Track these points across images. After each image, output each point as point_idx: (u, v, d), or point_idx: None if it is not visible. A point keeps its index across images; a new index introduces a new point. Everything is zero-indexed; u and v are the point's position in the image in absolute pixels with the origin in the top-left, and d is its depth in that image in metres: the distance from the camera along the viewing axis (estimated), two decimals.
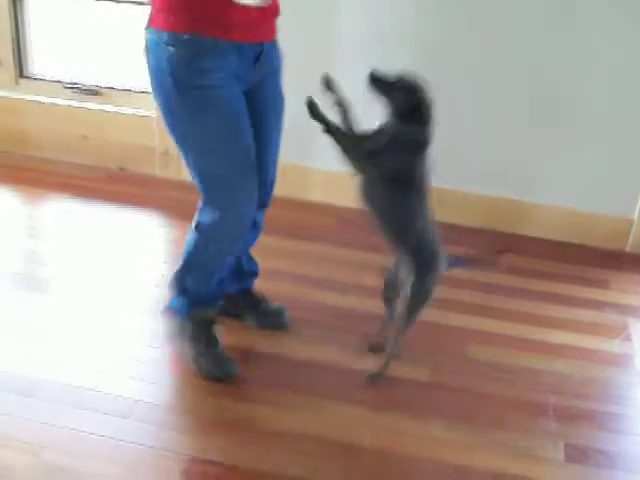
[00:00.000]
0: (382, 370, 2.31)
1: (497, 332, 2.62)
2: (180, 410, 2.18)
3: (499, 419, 2.23)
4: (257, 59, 2.06)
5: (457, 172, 3.18)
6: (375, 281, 2.44)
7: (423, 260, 2.19)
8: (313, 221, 3.27)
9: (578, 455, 2.12)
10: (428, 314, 2.53)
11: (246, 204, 2.12)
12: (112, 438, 2.04)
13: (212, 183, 2.11)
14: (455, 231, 3.08)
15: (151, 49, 1.98)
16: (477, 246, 3.03)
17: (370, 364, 2.35)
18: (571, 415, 2.26)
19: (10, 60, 3.55)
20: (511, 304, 2.78)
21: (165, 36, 1.93)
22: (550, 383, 2.39)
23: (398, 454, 2.06)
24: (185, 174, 3.19)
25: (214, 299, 2.36)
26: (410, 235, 2.16)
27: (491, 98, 3.09)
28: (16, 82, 3.59)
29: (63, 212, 3.25)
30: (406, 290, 2.19)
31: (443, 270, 2.25)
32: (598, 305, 2.82)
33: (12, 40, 3.52)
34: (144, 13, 2.01)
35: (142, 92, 3.45)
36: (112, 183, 3.44)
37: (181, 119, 2.02)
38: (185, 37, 1.92)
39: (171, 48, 1.93)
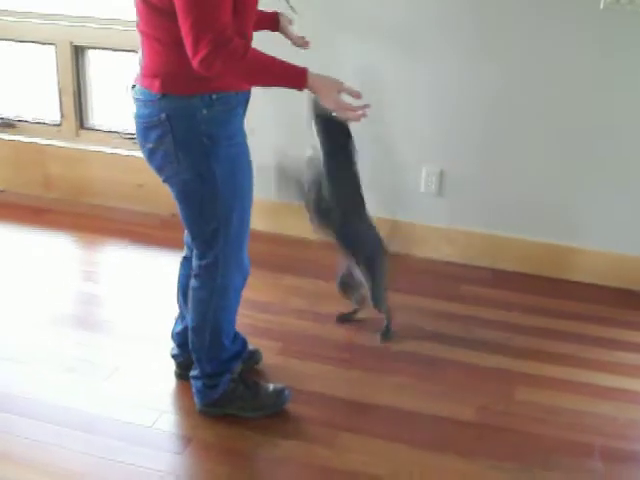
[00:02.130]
0: (388, 326, 2.77)
1: (543, 374, 2.65)
2: (234, 448, 2.25)
3: (545, 459, 2.26)
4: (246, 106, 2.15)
5: (503, 219, 3.25)
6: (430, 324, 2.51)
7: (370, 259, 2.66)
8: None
9: None
10: (475, 356, 2.61)
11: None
12: (169, 473, 2.13)
13: (229, 239, 2.15)
14: (504, 276, 3.17)
15: (178, 116, 1.97)
16: (525, 290, 3.12)
17: (411, 402, 2.41)
18: (617, 456, 2.28)
19: (72, 113, 3.72)
20: (557, 347, 2.81)
21: (196, 100, 1.95)
22: (596, 425, 2.41)
23: None
24: None
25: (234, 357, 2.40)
26: (363, 247, 2.64)
27: (529, 141, 3.16)
28: (77, 134, 3.75)
29: (121, 257, 3.37)
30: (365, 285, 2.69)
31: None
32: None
33: (74, 94, 3.69)
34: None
35: None
36: (165, 229, 3.55)
37: (211, 181, 2.04)
38: (214, 97, 1.97)
39: (204, 110, 1.96)
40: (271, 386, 2.39)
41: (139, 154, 3.45)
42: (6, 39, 3.77)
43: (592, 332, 2.92)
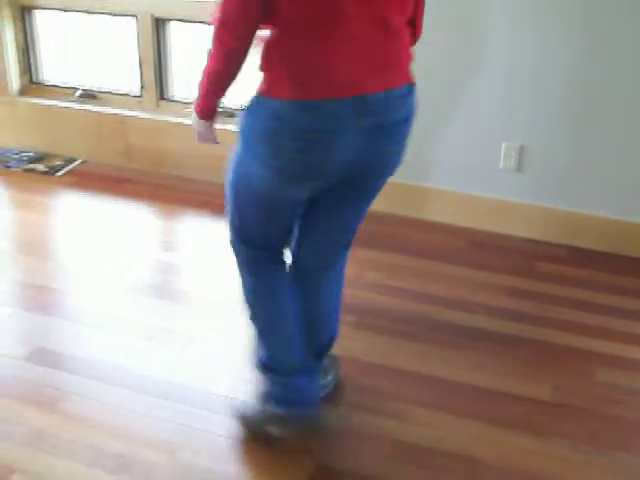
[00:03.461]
0: None
1: (621, 355, 2.61)
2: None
3: (623, 441, 2.22)
4: None
5: (583, 196, 3.20)
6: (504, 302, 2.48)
7: None
8: (442, 241, 3.32)
9: None
10: (550, 335, 2.58)
11: None
12: (243, 440, 2.17)
13: None
14: (581, 253, 3.12)
15: None
16: (603, 268, 3.06)
17: (485, 380, 2.40)
18: None
19: (152, 84, 3.77)
20: (635, 327, 2.75)
21: None
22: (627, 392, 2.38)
23: (521, 471, 2.10)
24: None
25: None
26: None
27: (610, 118, 3.08)
28: (157, 104, 3.80)
29: (200, 228, 3.42)
30: None
31: None
32: None
33: (154, 66, 3.74)
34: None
35: None
36: None
37: None
38: None
39: None
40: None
41: (221, 126, 3.50)
42: (88, 12, 3.82)
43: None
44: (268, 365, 2.13)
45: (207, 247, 3.25)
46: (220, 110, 1.96)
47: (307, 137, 1.79)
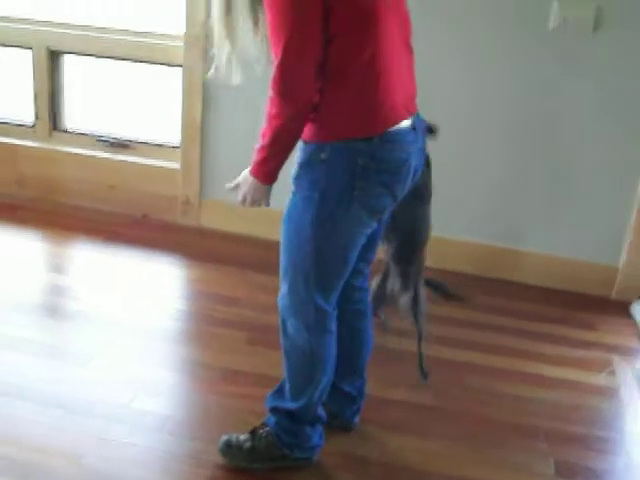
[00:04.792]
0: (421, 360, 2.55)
1: (494, 366, 2.86)
2: (205, 424, 2.42)
3: (495, 439, 2.47)
4: None
5: (456, 223, 3.46)
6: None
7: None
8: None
9: (567, 471, 2.35)
10: (430, 349, 2.80)
11: None
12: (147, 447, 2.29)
13: None
14: (454, 277, 3.37)
15: None
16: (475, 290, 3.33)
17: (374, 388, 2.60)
18: (561, 437, 2.50)
19: (46, 115, 3.85)
20: (506, 342, 3.02)
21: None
22: (542, 410, 2.63)
23: (403, 467, 2.30)
24: (203, 222, 3.51)
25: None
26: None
27: (489, 159, 3.38)
28: (50, 135, 3.88)
29: (90, 253, 3.50)
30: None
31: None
32: (585, 344, 3.06)
33: (49, 96, 3.82)
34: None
35: (166, 146, 3.78)
36: (136, 229, 3.70)
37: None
38: None
39: None
40: None
41: (111, 156, 3.63)
42: None
43: (537, 329, 3.15)
44: (297, 415, 2.19)
45: (98, 270, 3.35)
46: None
47: (394, 169, 1.93)
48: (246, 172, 2.03)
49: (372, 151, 1.89)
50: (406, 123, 1.95)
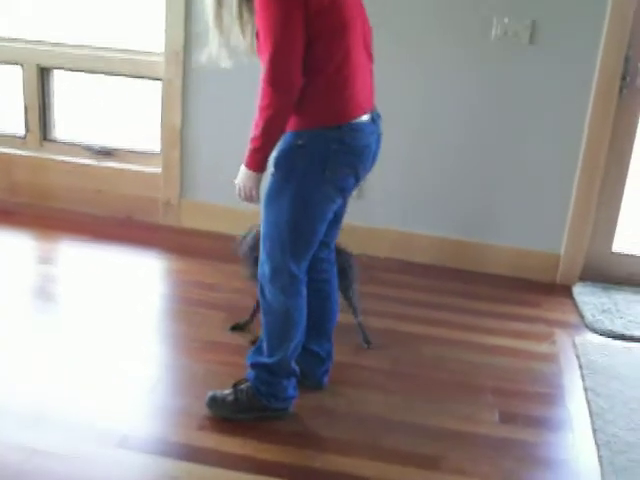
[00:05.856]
0: (365, 334, 3.04)
1: (447, 337, 3.22)
2: (192, 385, 2.74)
3: (447, 395, 2.82)
4: None
5: (424, 219, 3.84)
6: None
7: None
8: None
9: (509, 419, 2.70)
10: (389, 323, 3.15)
11: None
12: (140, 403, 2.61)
13: None
14: (418, 267, 3.75)
15: None
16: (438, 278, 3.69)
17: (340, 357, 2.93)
18: (505, 393, 2.85)
19: (37, 127, 4.17)
20: (459, 319, 3.37)
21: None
22: (489, 372, 2.98)
23: (368, 415, 2.65)
24: (183, 222, 3.82)
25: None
26: None
27: (448, 160, 3.76)
28: (40, 144, 4.20)
29: (80, 249, 3.81)
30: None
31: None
32: (530, 319, 3.43)
33: (39, 109, 4.14)
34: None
35: (148, 153, 4.11)
36: (122, 229, 4.02)
37: None
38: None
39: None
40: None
41: (97, 163, 3.95)
42: None
43: (487, 308, 3.51)
44: (274, 368, 2.52)
45: (87, 263, 3.68)
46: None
47: (358, 153, 2.32)
48: (242, 167, 2.37)
49: (341, 137, 2.28)
50: (367, 116, 2.35)
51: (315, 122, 2.28)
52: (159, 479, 2.31)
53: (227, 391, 2.59)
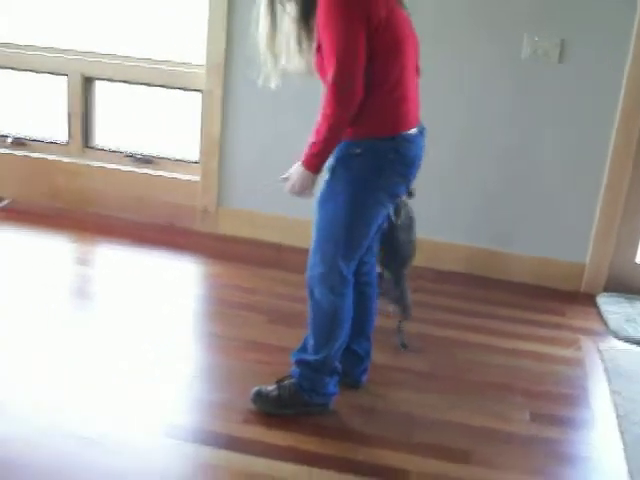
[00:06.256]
0: (402, 337, 3.14)
1: (478, 342, 3.35)
2: (231, 381, 2.87)
3: (480, 395, 2.96)
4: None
5: (450, 227, 3.97)
6: None
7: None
8: None
9: (540, 418, 2.84)
10: (424, 328, 3.28)
11: None
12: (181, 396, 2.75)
13: None
14: (449, 275, 3.91)
15: None
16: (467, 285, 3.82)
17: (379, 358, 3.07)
18: (534, 394, 2.99)
19: (79, 134, 4.34)
20: (489, 324, 3.50)
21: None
22: (518, 375, 3.12)
23: (404, 414, 2.79)
24: (221, 229, 3.99)
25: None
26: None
27: (479, 172, 3.90)
28: (82, 151, 4.36)
29: (121, 253, 3.96)
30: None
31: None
32: (556, 326, 3.56)
33: (81, 117, 4.31)
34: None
35: (186, 161, 4.28)
36: (160, 235, 4.17)
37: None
38: None
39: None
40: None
41: (139, 170, 4.11)
42: (23, 69, 4.37)
43: (515, 314, 3.64)
44: (318, 366, 2.66)
45: (128, 266, 3.83)
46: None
47: (410, 162, 2.50)
48: (297, 165, 2.52)
49: (396, 147, 2.46)
50: (415, 129, 2.52)
51: (372, 132, 2.45)
52: (203, 467, 2.45)
53: (271, 387, 2.73)
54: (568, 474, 2.60)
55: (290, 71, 2.52)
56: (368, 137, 2.45)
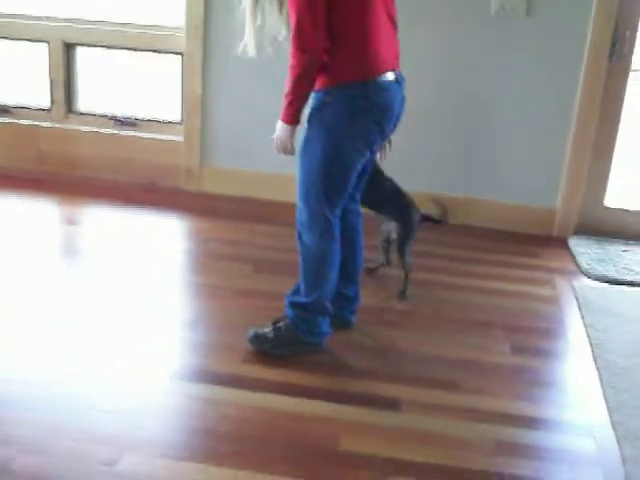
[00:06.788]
0: (406, 286, 3.32)
1: (458, 284, 3.53)
2: (228, 324, 3.03)
3: (462, 330, 3.14)
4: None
5: (423, 176, 4.12)
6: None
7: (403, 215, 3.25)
8: None
9: (520, 350, 3.02)
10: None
11: None
12: (182, 340, 2.91)
13: None
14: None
15: None
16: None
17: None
18: (513, 329, 3.17)
19: (62, 100, 4.43)
20: (468, 268, 3.68)
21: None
22: (497, 312, 3.30)
23: (393, 349, 2.97)
24: (204, 187, 4.12)
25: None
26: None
27: (451, 122, 4.05)
28: (65, 116, 4.45)
29: (110, 213, 4.08)
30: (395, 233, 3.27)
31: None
32: (531, 267, 3.76)
33: (64, 83, 4.40)
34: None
35: (171, 123, 4.39)
36: (145, 194, 4.28)
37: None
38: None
39: None
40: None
41: (123, 133, 4.17)
42: (3, 37, 4.43)
43: (490, 257, 3.84)
44: (310, 307, 2.80)
45: (118, 224, 3.95)
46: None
47: (382, 110, 2.59)
48: (278, 121, 2.65)
49: (366, 94, 2.56)
50: (391, 76, 2.62)
51: (341, 79, 2.56)
52: (210, 405, 2.59)
53: (267, 328, 2.88)
54: (550, 397, 2.78)
55: (270, 32, 2.66)
56: (337, 84, 2.55)
